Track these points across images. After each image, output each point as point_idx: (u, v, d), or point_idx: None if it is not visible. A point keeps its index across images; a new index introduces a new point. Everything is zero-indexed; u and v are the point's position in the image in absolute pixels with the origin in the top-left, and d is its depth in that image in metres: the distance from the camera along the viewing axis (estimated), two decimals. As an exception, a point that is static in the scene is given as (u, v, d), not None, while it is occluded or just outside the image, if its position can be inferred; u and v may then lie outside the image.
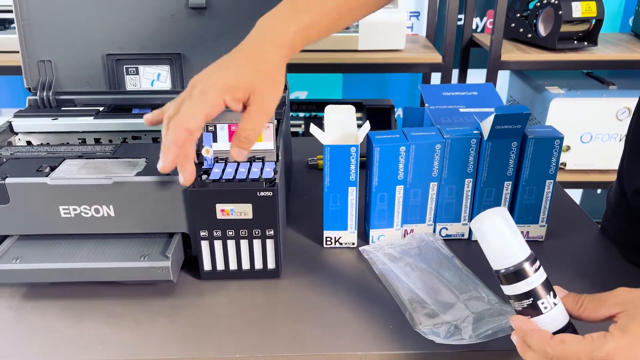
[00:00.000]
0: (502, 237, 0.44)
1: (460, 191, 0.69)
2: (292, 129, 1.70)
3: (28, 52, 0.79)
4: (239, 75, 0.54)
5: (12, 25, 1.54)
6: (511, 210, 0.70)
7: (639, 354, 0.39)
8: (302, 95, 2.02)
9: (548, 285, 0.44)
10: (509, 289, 0.45)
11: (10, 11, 0.77)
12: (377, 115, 1.65)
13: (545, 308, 0.44)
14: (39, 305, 0.60)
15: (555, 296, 0.44)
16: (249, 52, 0.57)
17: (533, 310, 0.44)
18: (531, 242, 0.71)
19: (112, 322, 0.58)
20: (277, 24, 0.58)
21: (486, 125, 0.65)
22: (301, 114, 1.81)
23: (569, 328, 0.44)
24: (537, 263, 0.44)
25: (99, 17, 0.78)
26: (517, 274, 0.44)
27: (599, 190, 2.07)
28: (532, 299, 0.44)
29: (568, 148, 1.62)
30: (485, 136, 0.65)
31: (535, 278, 0.44)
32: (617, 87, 1.63)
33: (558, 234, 0.73)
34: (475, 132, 0.66)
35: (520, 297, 0.44)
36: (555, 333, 0.43)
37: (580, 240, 0.73)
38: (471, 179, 0.68)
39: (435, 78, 1.81)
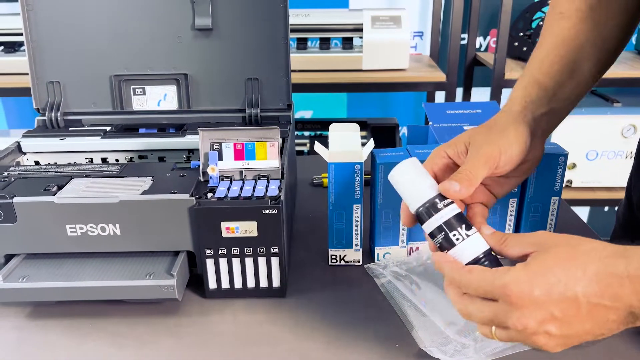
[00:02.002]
0: (412, 181, 0.49)
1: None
2: (297, 148, 1.71)
3: (37, 73, 0.81)
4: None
5: (22, 48, 1.57)
6: (517, 227, 0.70)
7: (534, 286, 0.40)
8: (307, 114, 2.04)
9: (460, 219, 0.47)
10: (426, 226, 0.48)
11: (20, 34, 0.79)
12: (382, 134, 1.66)
13: (457, 240, 0.47)
14: (43, 325, 0.60)
15: (469, 228, 0.47)
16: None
17: (447, 243, 0.47)
18: (538, 260, 0.71)
19: (116, 341, 0.57)
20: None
21: (490, 143, 0.65)
22: (306, 133, 1.82)
23: (484, 258, 0.46)
24: (448, 200, 0.48)
25: (106, 38, 0.80)
26: (429, 210, 0.47)
27: (606, 208, 2.06)
28: (444, 232, 0.47)
29: (574, 166, 1.61)
30: (490, 153, 0.65)
31: (446, 212, 0.47)
32: (621, 105, 1.64)
33: (565, 251, 0.73)
34: (479, 149, 0.66)
35: (435, 232, 0.47)
36: (469, 263, 0.46)
37: (587, 257, 0.73)
38: (476, 196, 0.68)
39: (440, 97, 1.82)
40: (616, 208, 0.77)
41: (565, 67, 0.57)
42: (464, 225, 0.47)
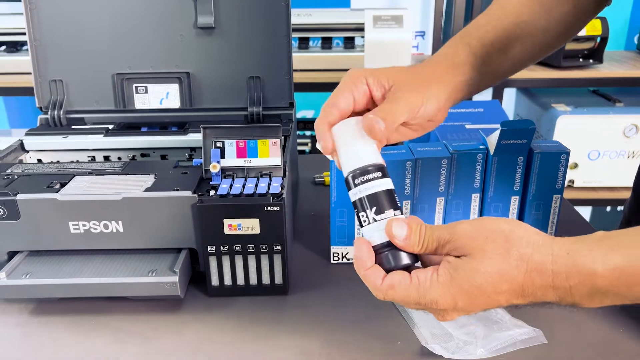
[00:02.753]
0: (353, 142, 0.46)
1: (467, 206, 0.69)
2: (299, 148, 1.71)
3: (40, 72, 0.81)
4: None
5: (24, 48, 1.57)
6: (519, 225, 0.70)
7: (459, 299, 0.40)
8: (308, 114, 2.04)
9: (386, 197, 0.44)
10: (351, 194, 0.46)
11: (22, 33, 0.79)
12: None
13: (365, 221, 0.44)
14: (47, 322, 0.60)
15: (392, 209, 0.44)
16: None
17: (358, 220, 0.45)
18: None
19: (119, 338, 0.58)
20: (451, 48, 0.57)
21: (492, 140, 0.65)
22: (308, 133, 1.82)
23: (392, 246, 0.43)
24: (372, 175, 0.44)
25: (109, 36, 0.80)
26: (357, 177, 0.45)
27: (608, 208, 2.06)
28: (356, 209, 0.45)
29: (576, 165, 1.61)
30: (492, 151, 0.65)
31: (373, 185, 0.44)
32: (623, 104, 1.64)
33: (567, 249, 0.73)
34: (481, 147, 0.66)
35: (357, 203, 0.45)
36: (376, 247, 0.44)
37: (589, 255, 0.73)
38: (478, 194, 0.68)
39: (441, 96, 1.82)
40: (618, 208, 0.77)
41: (499, 40, 0.56)
42: (374, 209, 0.44)
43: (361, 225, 0.45)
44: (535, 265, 0.39)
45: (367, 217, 0.44)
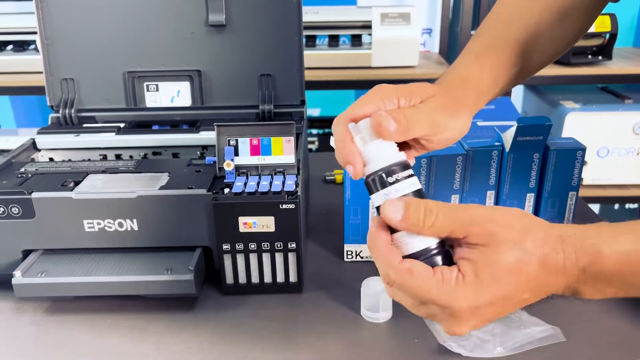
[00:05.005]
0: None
1: (482, 203, 0.68)
2: (307, 146, 1.70)
3: (51, 70, 0.81)
4: None
5: (31, 47, 1.57)
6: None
7: (479, 301, 0.37)
8: (314, 112, 2.03)
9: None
10: (375, 198, 0.41)
11: (29, 32, 0.78)
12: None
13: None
14: (62, 320, 0.60)
15: None
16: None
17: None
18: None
19: (135, 336, 0.57)
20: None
21: (508, 137, 0.64)
22: (314, 131, 1.82)
23: (431, 253, 0.39)
24: (408, 171, 0.40)
25: (119, 34, 0.80)
26: (369, 184, 0.41)
27: (616, 206, 2.05)
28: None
29: (584, 163, 1.60)
30: (507, 148, 0.65)
31: (402, 186, 0.40)
32: (632, 101, 1.63)
33: (581, 246, 0.72)
34: (496, 143, 0.66)
35: (378, 210, 0.40)
36: (411, 255, 0.39)
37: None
38: (493, 191, 0.68)
39: (449, 94, 1.81)
40: (627, 206, 0.76)
41: (518, 60, 0.55)
42: None
43: (394, 230, 0.40)
44: (550, 247, 0.38)
45: None
